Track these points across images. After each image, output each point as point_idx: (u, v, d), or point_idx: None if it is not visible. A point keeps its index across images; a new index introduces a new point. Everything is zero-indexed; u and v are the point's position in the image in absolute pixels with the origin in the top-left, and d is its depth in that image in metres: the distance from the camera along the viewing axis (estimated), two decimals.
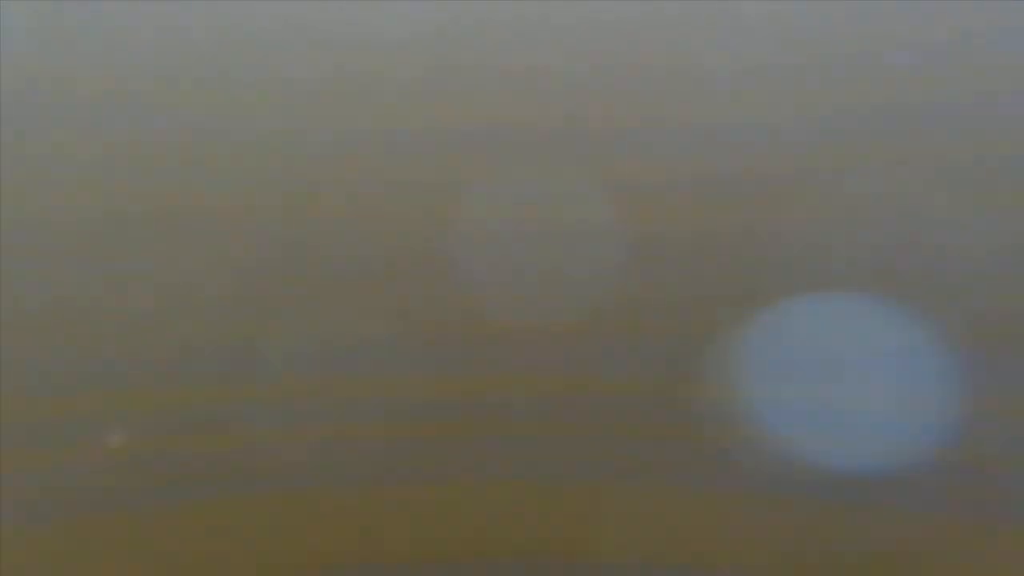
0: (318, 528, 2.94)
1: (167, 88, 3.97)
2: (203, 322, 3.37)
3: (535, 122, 3.77)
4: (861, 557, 2.81)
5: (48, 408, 3.15)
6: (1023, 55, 3.67)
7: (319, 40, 4.06)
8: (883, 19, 3.77)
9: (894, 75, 3.70)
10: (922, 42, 3.66)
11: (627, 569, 2.82)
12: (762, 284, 3.35)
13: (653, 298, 3.37)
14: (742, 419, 3.05)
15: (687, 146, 3.67)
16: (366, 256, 3.55)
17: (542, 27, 4.00)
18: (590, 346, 3.26)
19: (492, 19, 3.99)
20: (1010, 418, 3.03)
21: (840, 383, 3.13)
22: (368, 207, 3.67)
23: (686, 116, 3.72)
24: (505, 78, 3.87)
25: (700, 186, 3.60)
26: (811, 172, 3.59)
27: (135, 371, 3.26)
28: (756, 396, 3.08)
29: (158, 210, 3.71)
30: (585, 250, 3.49)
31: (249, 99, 3.94)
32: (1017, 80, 3.66)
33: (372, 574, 2.86)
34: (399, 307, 3.39)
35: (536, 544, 2.88)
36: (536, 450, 3.04)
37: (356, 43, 4.03)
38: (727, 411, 3.06)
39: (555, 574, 2.83)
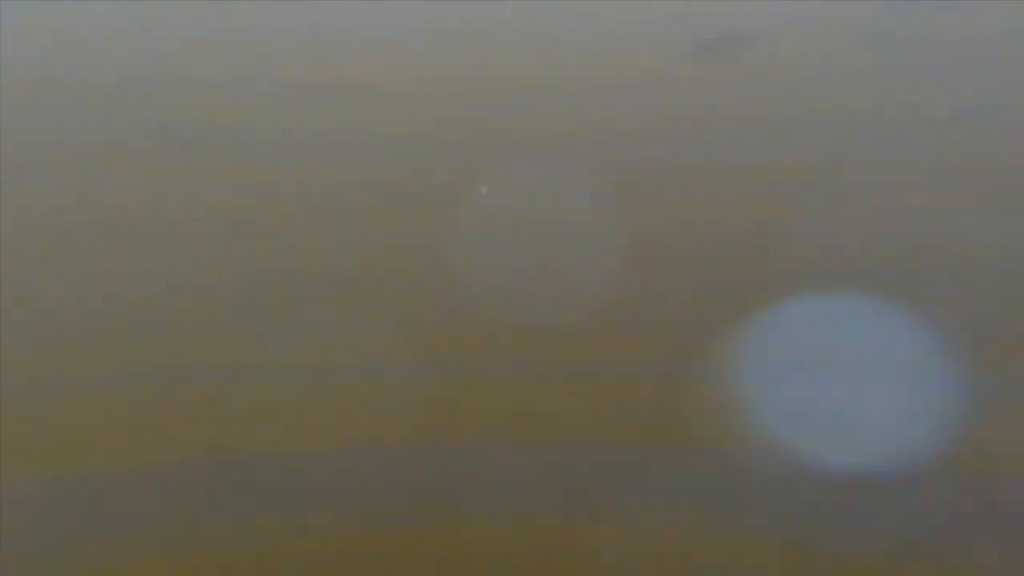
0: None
1: (165, 88, 3.98)
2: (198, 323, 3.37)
3: (535, 123, 3.78)
4: (860, 558, 2.81)
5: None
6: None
7: (318, 41, 4.07)
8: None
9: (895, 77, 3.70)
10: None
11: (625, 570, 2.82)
12: (762, 284, 3.35)
13: (653, 297, 3.37)
14: (743, 417, 3.05)
15: (687, 145, 3.67)
16: (365, 256, 3.55)
17: (541, 29, 4.00)
18: (589, 346, 3.26)
19: (491, 20, 4.00)
20: (1010, 420, 3.03)
21: (840, 383, 3.13)
22: (367, 207, 3.68)
23: (686, 116, 3.73)
24: (504, 79, 3.87)
25: (701, 184, 3.61)
26: (813, 171, 3.60)
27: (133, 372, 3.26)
28: (756, 395, 3.08)
29: (157, 211, 3.71)
30: (583, 249, 3.49)
31: (249, 100, 3.95)
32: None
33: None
34: (398, 307, 3.39)
35: (533, 543, 2.88)
36: (536, 451, 3.04)
37: (355, 44, 4.04)
38: (728, 410, 3.06)
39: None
